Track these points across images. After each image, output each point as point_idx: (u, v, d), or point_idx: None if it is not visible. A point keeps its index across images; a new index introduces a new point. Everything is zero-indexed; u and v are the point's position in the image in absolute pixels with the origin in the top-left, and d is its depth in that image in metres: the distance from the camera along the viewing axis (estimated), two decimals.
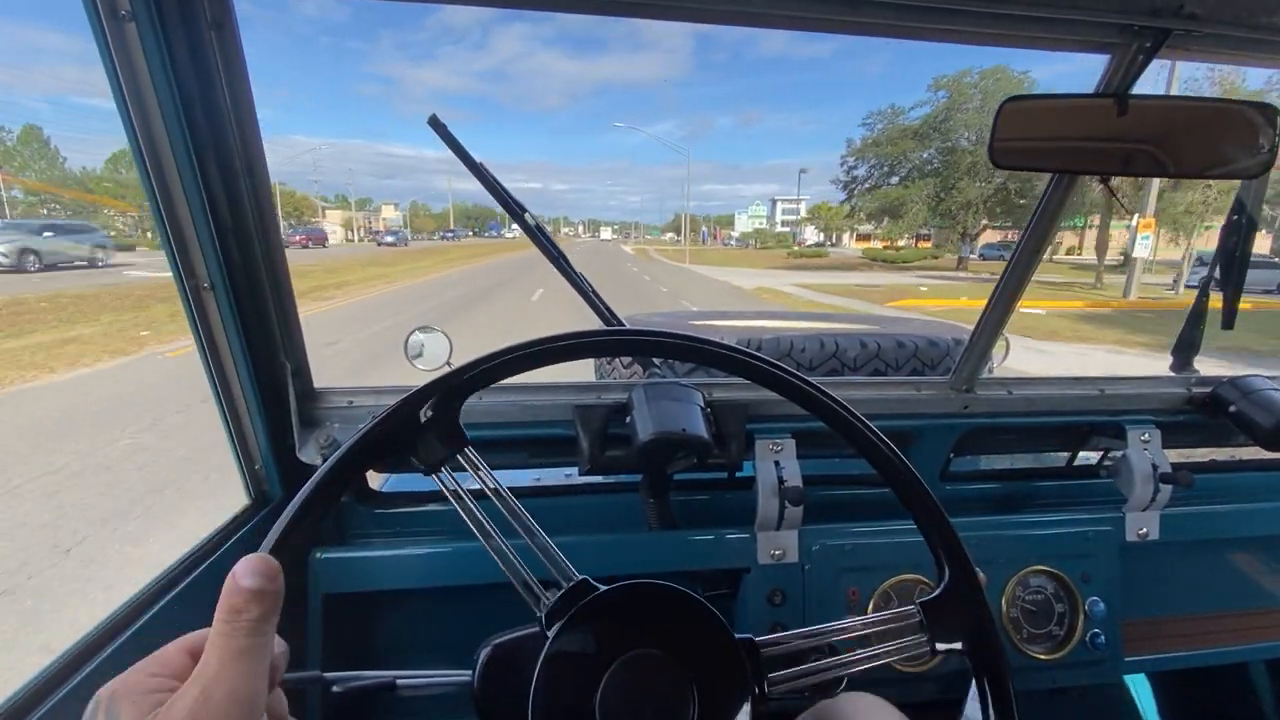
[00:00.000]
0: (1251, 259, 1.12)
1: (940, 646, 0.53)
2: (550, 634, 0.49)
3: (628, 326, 1.24)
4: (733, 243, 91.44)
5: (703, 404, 0.93)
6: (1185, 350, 1.20)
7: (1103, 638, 1.00)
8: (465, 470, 0.52)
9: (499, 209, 0.98)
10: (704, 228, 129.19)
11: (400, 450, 0.50)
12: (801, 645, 0.53)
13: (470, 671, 0.55)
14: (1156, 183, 13.19)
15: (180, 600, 0.76)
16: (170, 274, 0.77)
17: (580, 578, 0.52)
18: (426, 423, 0.50)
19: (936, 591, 0.53)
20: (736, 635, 0.52)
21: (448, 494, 0.51)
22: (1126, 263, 16.11)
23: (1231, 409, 1.07)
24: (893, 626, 0.54)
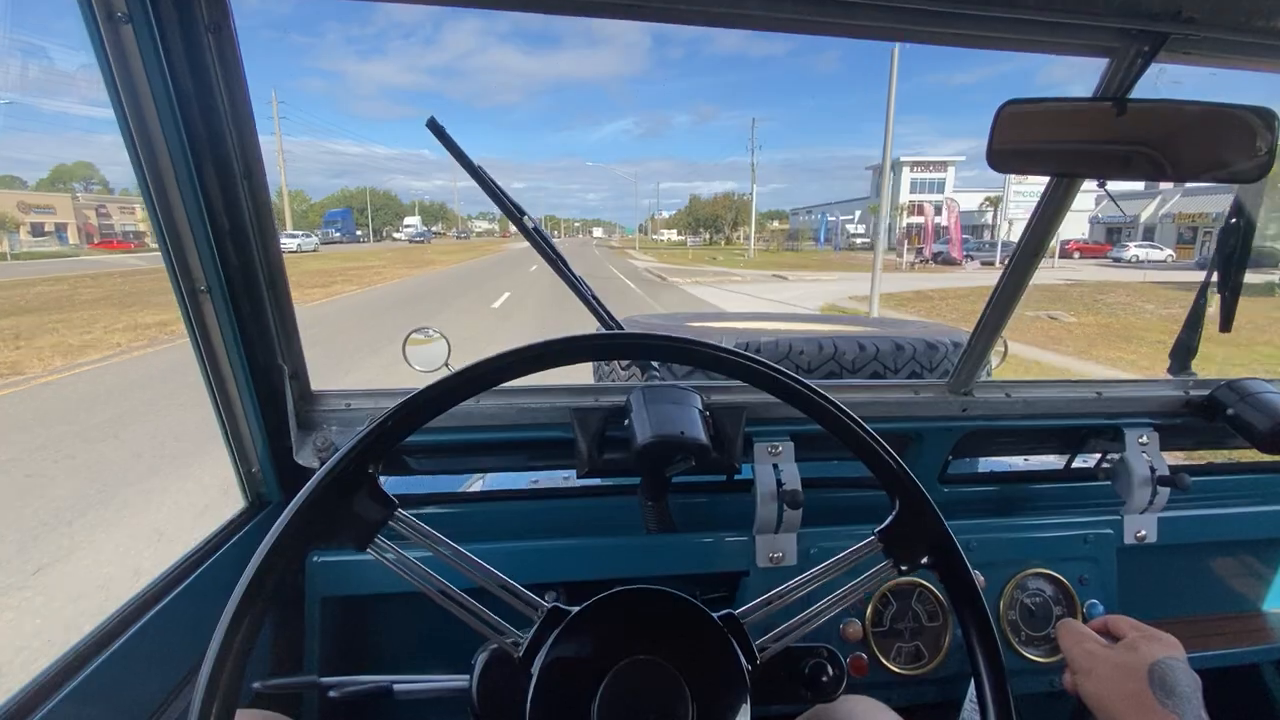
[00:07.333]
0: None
1: (904, 567, 0.56)
2: (534, 670, 0.50)
3: (626, 330, 1.23)
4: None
5: (701, 407, 0.93)
6: (1183, 353, 1.20)
7: None
8: (401, 537, 0.52)
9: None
10: (833, 217, 57.71)
11: (333, 527, 0.49)
12: (779, 605, 0.55)
13: (468, 676, 0.55)
14: None
15: (178, 602, 0.76)
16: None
17: (549, 605, 0.52)
18: (361, 487, 0.50)
19: (889, 520, 0.56)
20: (716, 615, 0.53)
21: (390, 566, 0.51)
22: None
23: (1229, 412, 1.08)
24: (858, 563, 0.57)
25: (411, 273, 21.95)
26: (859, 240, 53.58)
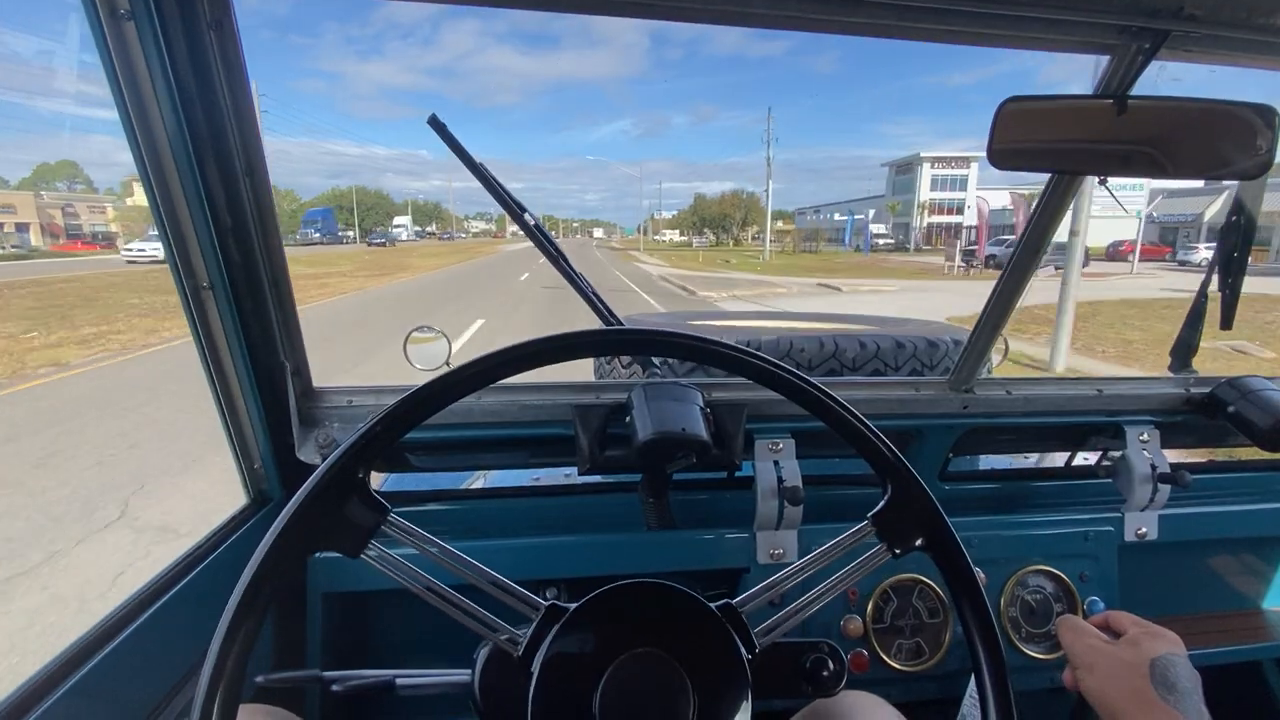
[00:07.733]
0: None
1: (898, 550, 0.56)
2: (534, 668, 0.50)
3: (627, 326, 1.24)
4: None
5: (702, 404, 0.93)
6: (1184, 351, 1.20)
7: None
8: (394, 540, 0.52)
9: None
10: (860, 215, 53.84)
11: (327, 534, 0.49)
12: (776, 594, 0.55)
13: (469, 671, 0.55)
14: None
15: (179, 599, 0.76)
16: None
17: (547, 603, 0.52)
18: (355, 492, 0.50)
19: (881, 504, 0.56)
20: (714, 605, 0.53)
21: (384, 571, 0.51)
22: None
23: (1230, 409, 1.08)
24: (852, 548, 0.57)
25: (367, 285, 17.70)
26: (881, 241, 50.38)
